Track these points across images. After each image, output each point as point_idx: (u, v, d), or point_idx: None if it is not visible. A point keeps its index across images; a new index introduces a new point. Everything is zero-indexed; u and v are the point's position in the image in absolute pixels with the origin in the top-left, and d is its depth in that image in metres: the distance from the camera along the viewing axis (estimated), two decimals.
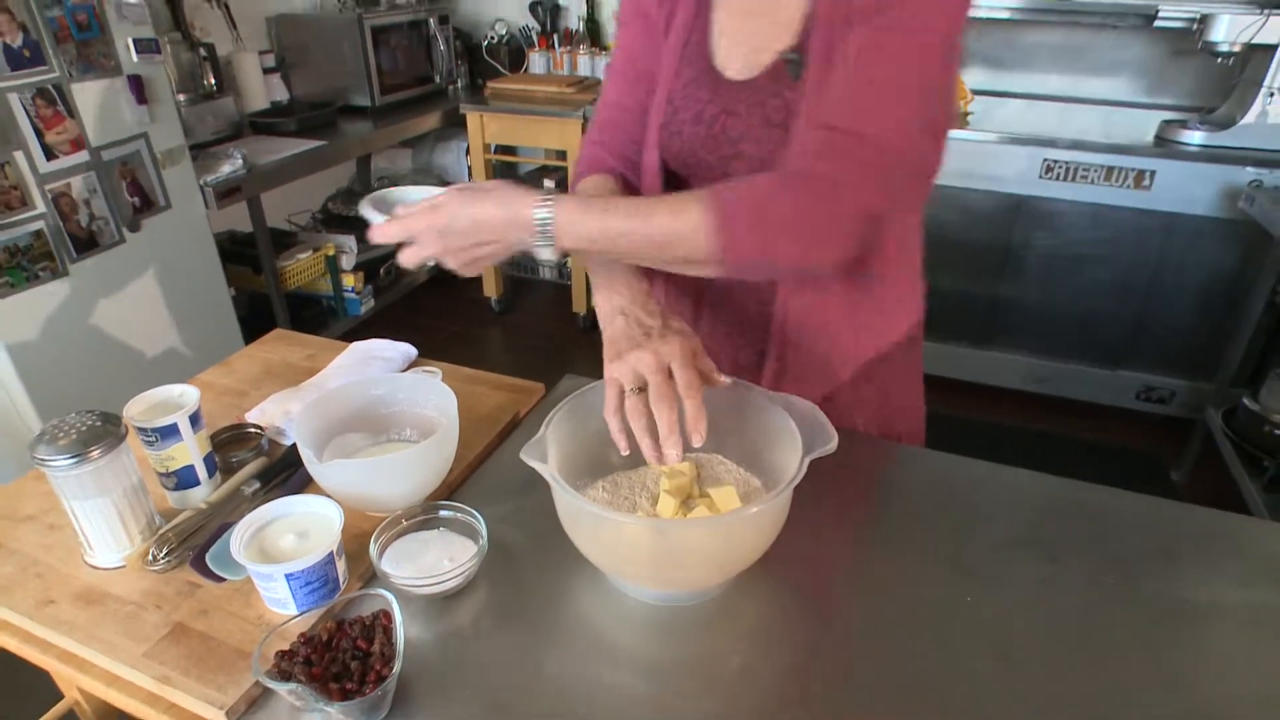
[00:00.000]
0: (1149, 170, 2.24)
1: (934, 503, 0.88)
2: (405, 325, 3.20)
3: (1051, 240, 2.43)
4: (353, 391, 0.92)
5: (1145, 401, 2.56)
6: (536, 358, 3.04)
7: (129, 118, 1.97)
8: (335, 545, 0.73)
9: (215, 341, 2.31)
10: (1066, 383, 2.61)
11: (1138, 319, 2.46)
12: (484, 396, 1.07)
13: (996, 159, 2.36)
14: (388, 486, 0.81)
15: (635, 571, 0.72)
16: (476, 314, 3.37)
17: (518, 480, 0.89)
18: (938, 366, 2.70)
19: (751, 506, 0.66)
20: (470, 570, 0.76)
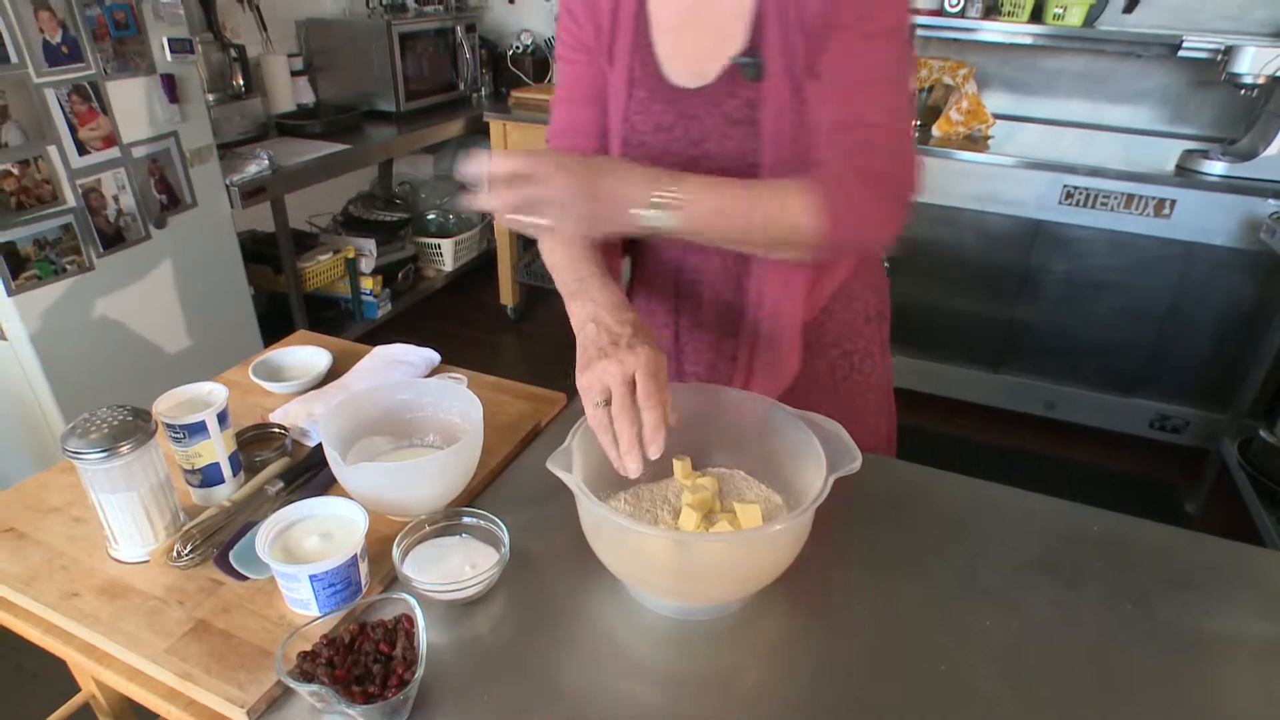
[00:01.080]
0: (1169, 199, 2.24)
1: (950, 524, 0.88)
2: (421, 330, 3.22)
3: (1069, 266, 2.42)
4: (379, 395, 0.92)
5: (1159, 430, 2.54)
6: (552, 366, 3.05)
7: (160, 116, 1.99)
8: (359, 548, 0.73)
9: (234, 339, 2.32)
10: (1080, 409, 2.60)
11: (1154, 347, 2.45)
12: (506, 405, 1.08)
13: (1016, 183, 2.37)
14: (412, 491, 0.81)
15: (655, 583, 0.72)
16: (492, 321, 3.39)
17: (539, 489, 0.90)
18: (950, 389, 2.69)
19: (774, 524, 0.66)
20: (492, 578, 0.76)
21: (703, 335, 1.03)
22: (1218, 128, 2.61)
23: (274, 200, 2.41)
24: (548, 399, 1.10)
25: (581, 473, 0.74)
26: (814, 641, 0.73)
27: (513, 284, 3.32)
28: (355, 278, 2.90)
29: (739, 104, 0.86)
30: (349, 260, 2.85)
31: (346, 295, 2.93)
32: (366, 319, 2.97)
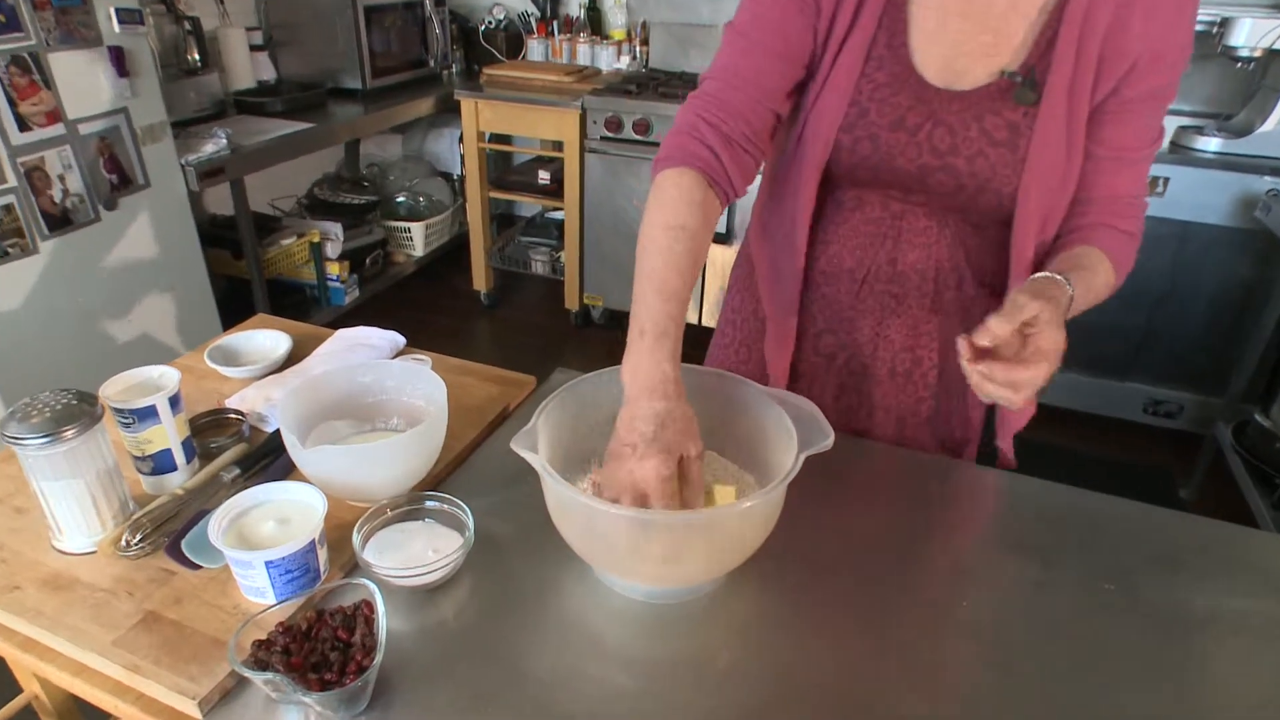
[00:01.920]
0: (1162, 177, 2.26)
1: (930, 505, 0.90)
2: (391, 317, 3.21)
3: None
4: (339, 378, 0.92)
5: (1152, 415, 2.58)
6: (527, 353, 3.04)
7: (109, 91, 1.97)
8: (317, 533, 0.74)
9: (192, 327, 2.31)
10: (1070, 393, 2.63)
11: (1146, 329, 2.48)
12: (473, 388, 1.08)
13: None
14: (373, 475, 0.81)
15: (623, 566, 0.73)
16: (466, 308, 3.38)
17: (506, 473, 0.90)
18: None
19: (744, 501, 0.67)
20: (455, 562, 0.76)
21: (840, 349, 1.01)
22: (1213, 103, 2.64)
23: (233, 181, 2.39)
24: (517, 382, 1.10)
25: (547, 453, 0.75)
26: (788, 623, 0.74)
27: (486, 269, 3.31)
28: (321, 263, 2.88)
29: (1000, 124, 0.82)
30: (314, 245, 2.83)
31: (312, 281, 2.91)
32: (333, 306, 2.95)
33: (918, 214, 0.92)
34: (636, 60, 3.21)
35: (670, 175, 0.84)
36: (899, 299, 0.96)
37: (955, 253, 0.93)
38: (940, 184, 0.87)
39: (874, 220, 0.94)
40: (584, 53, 3.24)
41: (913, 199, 0.91)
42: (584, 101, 2.79)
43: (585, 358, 0.82)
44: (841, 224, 0.95)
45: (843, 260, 0.96)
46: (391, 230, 3.30)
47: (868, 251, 0.95)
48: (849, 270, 0.96)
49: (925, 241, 0.92)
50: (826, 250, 0.97)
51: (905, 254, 0.93)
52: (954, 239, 0.92)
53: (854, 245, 0.95)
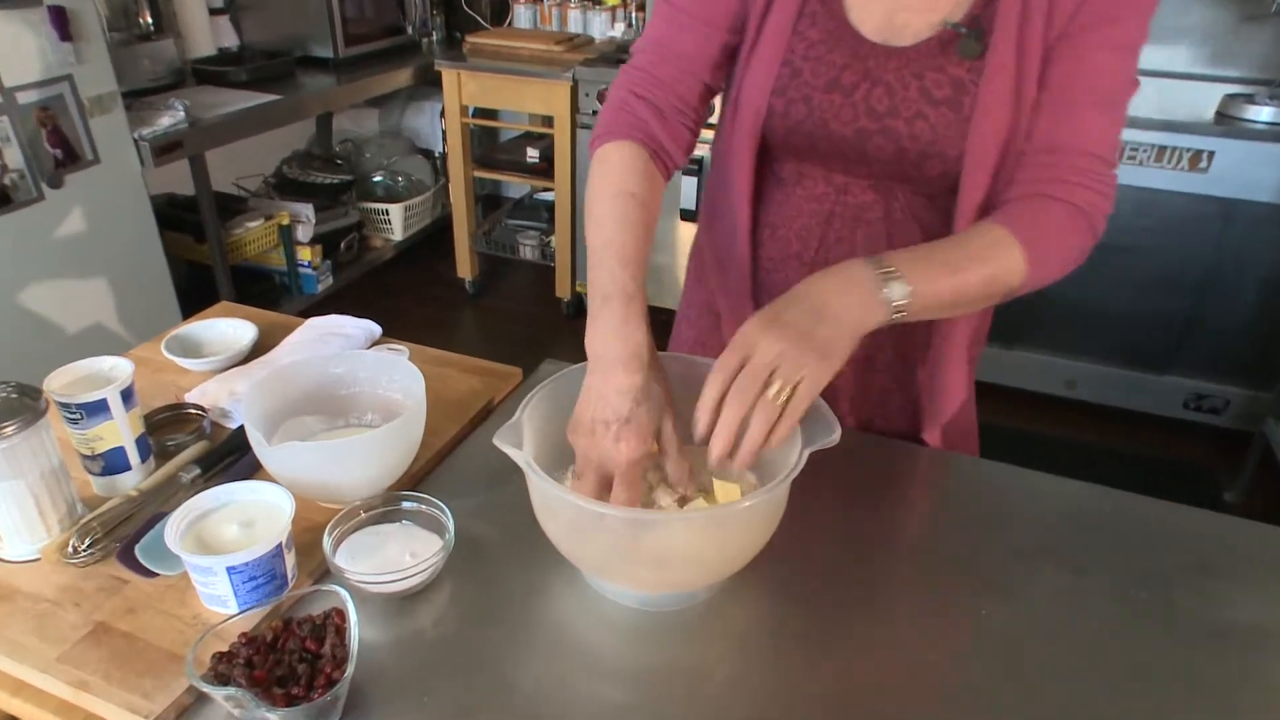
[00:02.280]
0: (1207, 150, 2.26)
1: (947, 505, 0.90)
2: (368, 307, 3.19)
3: None
4: (308, 369, 0.92)
5: (1195, 411, 2.58)
6: (513, 344, 3.04)
7: (49, 56, 1.95)
8: (284, 537, 0.73)
9: (149, 317, 2.30)
10: (1104, 388, 2.63)
11: (1188, 318, 2.48)
12: (455, 380, 1.08)
13: None
14: (345, 474, 0.81)
15: (615, 570, 0.73)
16: (449, 296, 3.37)
17: (489, 471, 0.90)
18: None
19: (744, 500, 0.67)
20: (434, 567, 0.76)
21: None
22: (1267, 68, 2.61)
23: (193, 158, 2.38)
24: (502, 374, 1.10)
25: (533, 449, 0.75)
26: (790, 632, 0.74)
27: (470, 254, 3.31)
28: (291, 247, 2.88)
29: (944, 81, 0.82)
30: (283, 228, 2.83)
31: (281, 267, 2.90)
32: (304, 294, 2.95)
33: (862, 187, 0.92)
34: (632, 28, 3.20)
35: (610, 147, 0.87)
36: None
37: (907, 228, 0.92)
38: (879, 150, 0.86)
39: (817, 197, 0.94)
40: (575, 19, 3.23)
41: (855, 170, 0.91)
42: (575, 73, 2.79)
43: (576, 349, 0.82)
44: (784, 203, 0.97)
45: (789, 244, 0.98)
46: (368, 212, 3.30)
47: (814, 232, 0.96)
48: (796, 254, 0.97)
49: (873, 217, 0.93)
50: (773, 235, 0.98)
51: (853, 233, 0.94)
52: (904, 213, 0.92)
53: (799, 227, 0.96)
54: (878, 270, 0.72)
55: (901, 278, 0.71)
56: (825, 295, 0.70)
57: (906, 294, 0.71)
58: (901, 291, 0.71)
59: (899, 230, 0.93)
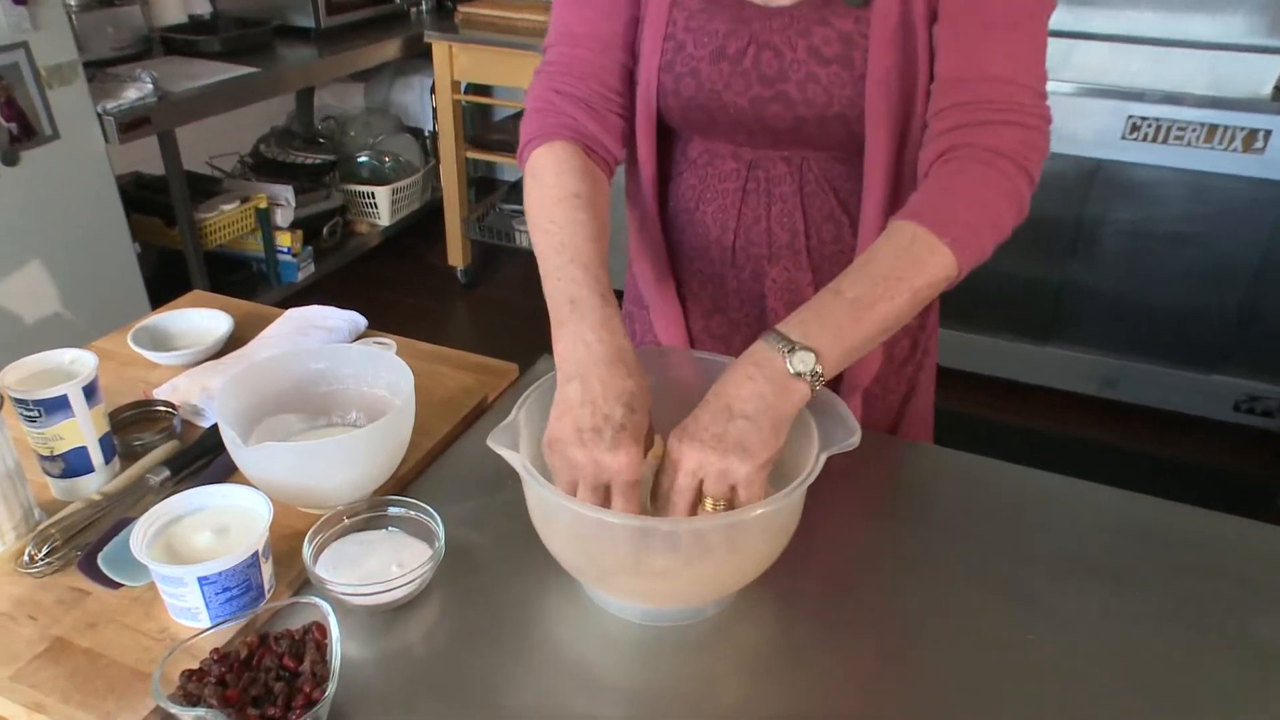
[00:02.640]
0: (1263, 130, 2.24)
1: (981, 516, 0.89)
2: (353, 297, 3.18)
3: (1134, 215, 2.44)
4: (288, 364, 0.92)
5: (1246, 414, 2.57)
6: (509, 339, 3.04)
7: (1, 21, 1.94)
8: (261, 545, 0.74)
9: (114, 306, 2.30)
10: (1148, 388, 2.62)
11: (1240, 313, 2.47)
12: (446, 377, 1.08)
13: (1071, 115, 2.37)
14: (327, 477, 0.81)
15: (618, 582, 0.73)
16: (439, 286, 3.38)
17: (483, 475, 0.90)
18: (989, 365, 2.71)
19: (756, 507, 0.67)
20: (423, 578, 0.76)
21: (735, 330, 1.03)
22: None
23: (162, 135, 2.38)
24: (497, 371, 1.11)
25: (530, 451, 0.75)
26: (805, 652, 0.74)
27: (463, 242, 3.31)
28: (269, 232, 2.88)
29: (831, 35, 0.83)
30: (261, 211, 2.83)
31: (259, 254, 2.91)
32: (284, 283, 2.95)
33: (773, 160, 0.93)
34: None
35: (540, 152, 0.88)
36: (776, 260, 0.97)
37: (824, 199, 0.94)
38: (777, 118, 0.87)
39: (728, 175, 0.96)
40: None
41: (760, 142, 0.92)
42: None
43: None
44: (697, 185, 0.98)
45: (708, 229, 0.99)
46: (352, 195, 3.30)
47: (730, 213, 0.97)
48: (715, 240, 0.99)
49: (786, 191, 0.94)
50: (690, 221, 1.00)
51: (767, 209, 0.95)
52: (819, 183, 0.93)
53: (715, 209, 0.98)
54: (779, 346, 0.71)
55: (804, 347, 0.70)
56: (730, 392, 0.70)
57: (812, 362, 0.70)
58: (807, 362, 0.70)
59: (813, 202, 0.94)
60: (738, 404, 0.69)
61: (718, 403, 0.70)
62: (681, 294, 1.04)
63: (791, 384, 0.70)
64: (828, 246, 0.96)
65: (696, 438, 0.68)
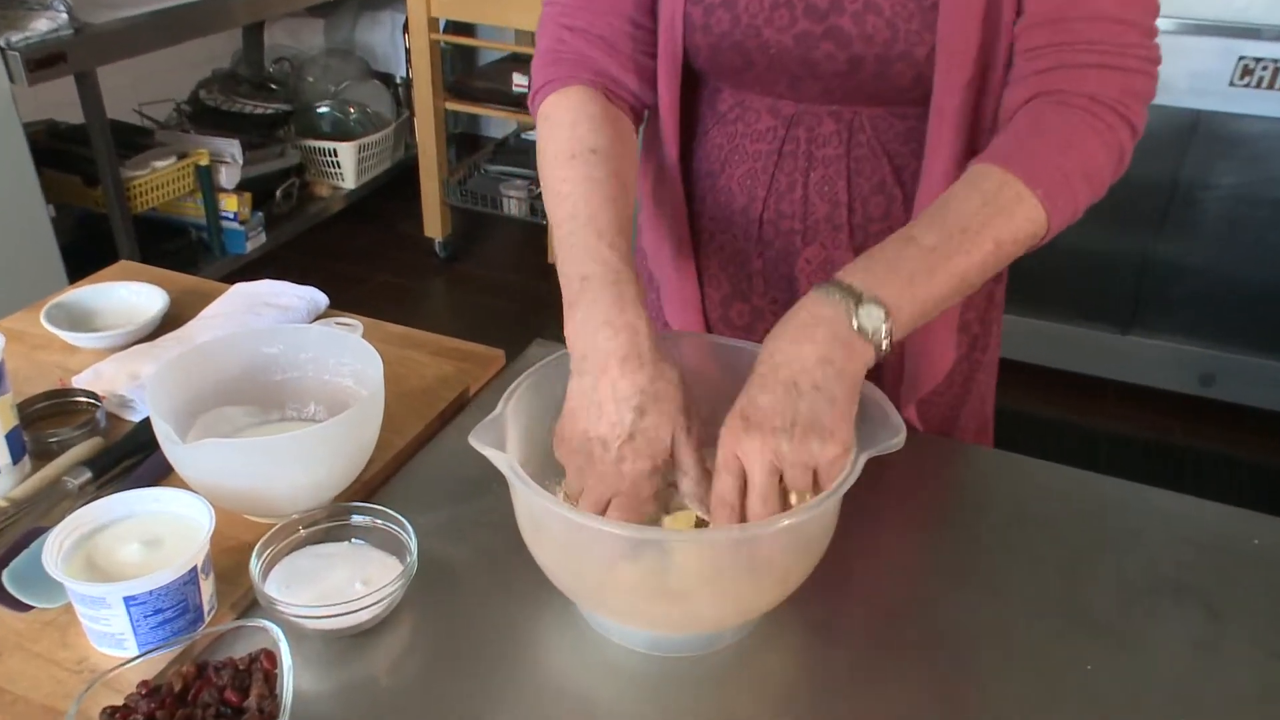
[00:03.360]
0: None
1: (1043, 528, 0.89)
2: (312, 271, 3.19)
3: (1240, 178, 2.42)
4: (234, 348, 0.92)
5: None
6: (495, 321, 3.05)
7: None
8: (200, 559, 0.73)
9: (24, 279, 2.29)
10: (1250, 385, 2.61)
11: None
12: (421, 365, 1.08)
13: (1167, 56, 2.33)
14: (280, 479, 0.81)
15: (622, 605, 0.73)
16: (414, 260, 3.38)
17: (464, 478, 0.90)
18: (1061, 358, 2.70)
19: (782, 518, 0.67)
20: (392, 597, 0.76)
21: (759, 320, 1.03)
22: None
23: (80, 75, 2.37)
24: (481, 358, 1.11)
25: (519, 451, 0.74)
26: (841, 686, 0.74)
27: (441, 209, 3.32)
28: (212, 194, 2.88)
29: None
30: (201, 169, 2.83)
31: (199, 220, 2.91)
32: (229, 254, 2.96)
33: (818, 115, 0.92)
34: None
35: (554, 100, 0.89)
36: (811, 236, 0.96)
37: (875, 166, 0.93)
38: (828, 59, 0.86)
39: (763, 134, 0.95)
40: None
41: (805, 92, 0.91)
42: None
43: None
44: (725, 145, 0.97)
45: (733, 197, 0.98)
46: (311, 153, 3.30)
47: (760, 179, 0.96)
48: (741, 209, 0.98)
49: (831, 154, 0.93)
50: (713, 186, 0.99)
51: (806, 176, 0.94)
52: (871, 146, 0.92)
53: (744, 173, 0.97)
54: (840, 297, 0.70)
55: (873, 299, 0.69)
56: (788, 361, 0.69)
57: (881, 319, 0.69)
58: (875, 318, 0.69)
59: (862, 169, 0.93)
60: (802, 375, 0.68)
61: (775, 377, 0.68)
62: (698, 276, 1.04)
63: (856, 344, 0.69)
64: (874, 224, 0.95)
65: (763, 426, 0.67)
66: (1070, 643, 0.77)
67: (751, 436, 0.67)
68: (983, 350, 1.07)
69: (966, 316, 1.02)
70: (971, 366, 1.06)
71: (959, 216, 0.74)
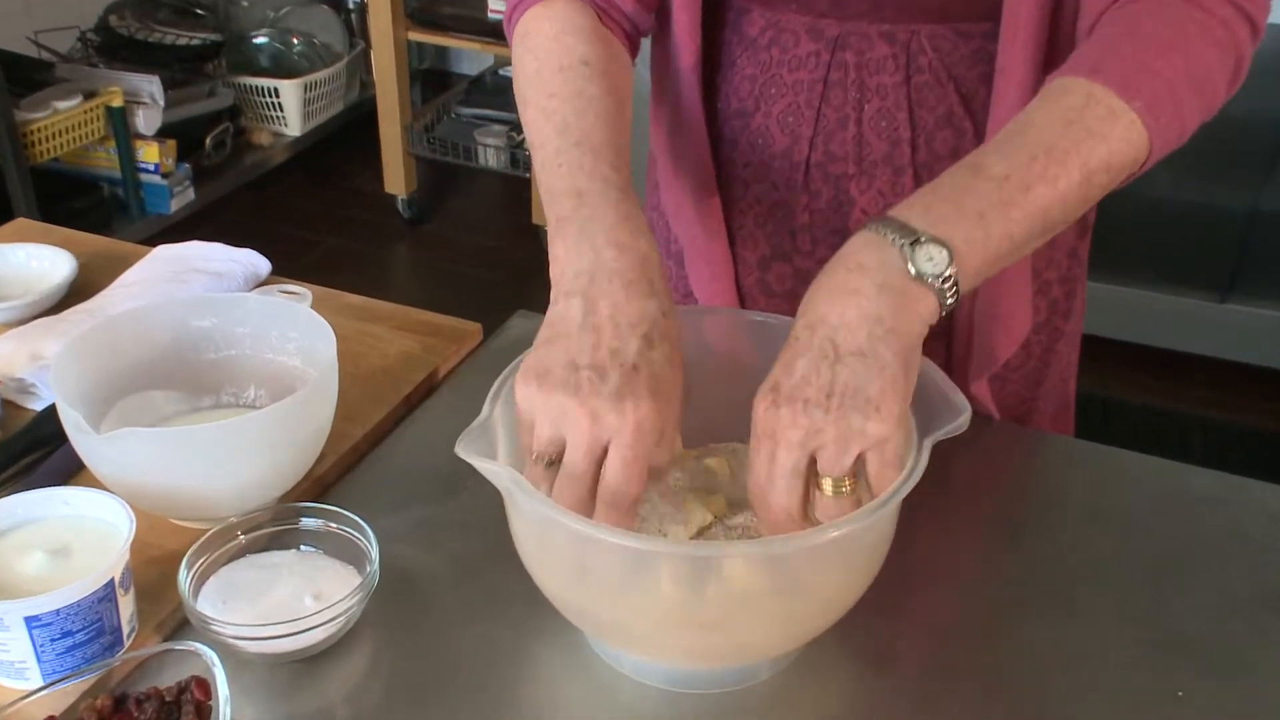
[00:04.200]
0: None
1: (1128, 529, 0.90)
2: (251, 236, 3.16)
3: None
4: (157, 322, 0.92)
5: None
6: (470, 291, 3.06)
7: None
8: (118, 571, 0.73)
9: None
10: None
11: None
12: (382, 341, 1.09)
13: None
14: (214, 476, 0.82)
15: (650, 632, 0.71)
16: (373, 222, 3.39)
17: (433, 473, 0.91)
18: (1147, 331, 2.70)
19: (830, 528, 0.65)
20: (349, 615, 0.76)
21: (803, 285, 1.02)
22: None
23: None
24: (452, 332, 1.11)
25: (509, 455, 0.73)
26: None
27: (405, 160, 3.32)
28: (127, 142, 2.88)
29: None
30: (114, 111, 2.83)
31: (113, 172, 2.92)
32: (151, 213, 2.97)
33: (868, 36, 0.92)
34: None
35: (534, 14, 0.88)
36: (867, 181, 0.96)
37: (940, 94, 0.93)
38: None
39: (803, 61, 0.95)
40: None
41: (850, 8, 0.91)
42: None
43: None
44: (758, 76, 0.97)
45: (771, 139, 0.98)
46: (247, 92, 3.30)
47: (804, 115, 0.96)
48: (782, 152, 0.98)
49: (888, 82, 0.93)
50: (747, 127, 0.99)
51: (859, 111, 0.94)
52: (935, 71, 0.92)
53: (783, 109, 0.97)
54: (893, 236, 0.67)
55: (934, 239, 0.67)
56: (827, 317, 0.67)
57: (945, 262, 0.66)
58: (937, 261, 0.66)
59: (925, 98, 0.92)
60: (843, 336, 0.66)
61: (812, 338, 0.67)
62: (728, 233, 1.04)
63: (914, 291, 0.66)
64: (942, 163, 0.93)
65: (795, 397, 0.65)
66: (1159, 666, 0.77)
67: (785, 409, 0.65)
68: (1064, 317, 1.06)
69: (1046, 275, 1.01)
70: (1051, 336, 1.06)
71: (1038, 139, 0.72)
